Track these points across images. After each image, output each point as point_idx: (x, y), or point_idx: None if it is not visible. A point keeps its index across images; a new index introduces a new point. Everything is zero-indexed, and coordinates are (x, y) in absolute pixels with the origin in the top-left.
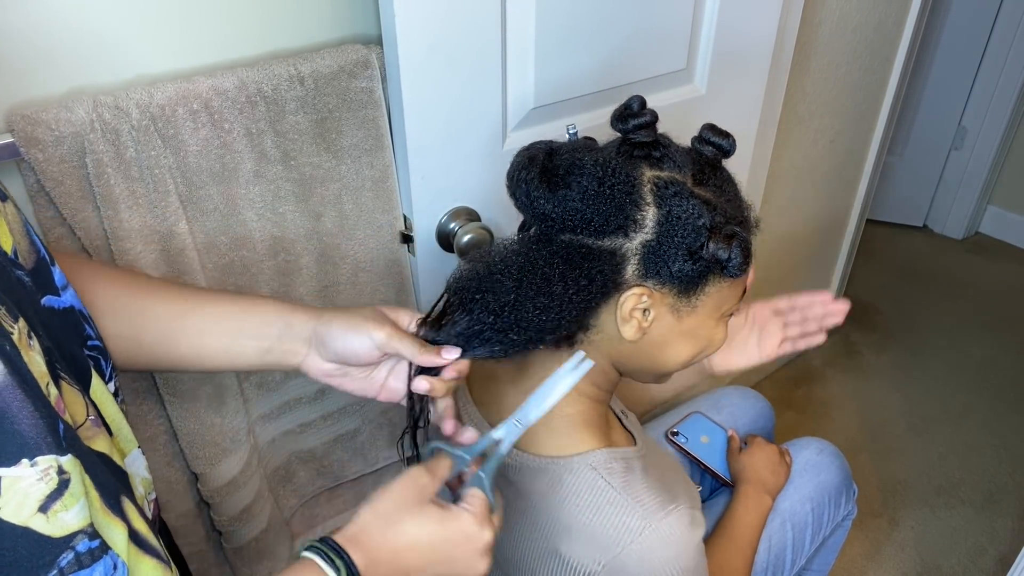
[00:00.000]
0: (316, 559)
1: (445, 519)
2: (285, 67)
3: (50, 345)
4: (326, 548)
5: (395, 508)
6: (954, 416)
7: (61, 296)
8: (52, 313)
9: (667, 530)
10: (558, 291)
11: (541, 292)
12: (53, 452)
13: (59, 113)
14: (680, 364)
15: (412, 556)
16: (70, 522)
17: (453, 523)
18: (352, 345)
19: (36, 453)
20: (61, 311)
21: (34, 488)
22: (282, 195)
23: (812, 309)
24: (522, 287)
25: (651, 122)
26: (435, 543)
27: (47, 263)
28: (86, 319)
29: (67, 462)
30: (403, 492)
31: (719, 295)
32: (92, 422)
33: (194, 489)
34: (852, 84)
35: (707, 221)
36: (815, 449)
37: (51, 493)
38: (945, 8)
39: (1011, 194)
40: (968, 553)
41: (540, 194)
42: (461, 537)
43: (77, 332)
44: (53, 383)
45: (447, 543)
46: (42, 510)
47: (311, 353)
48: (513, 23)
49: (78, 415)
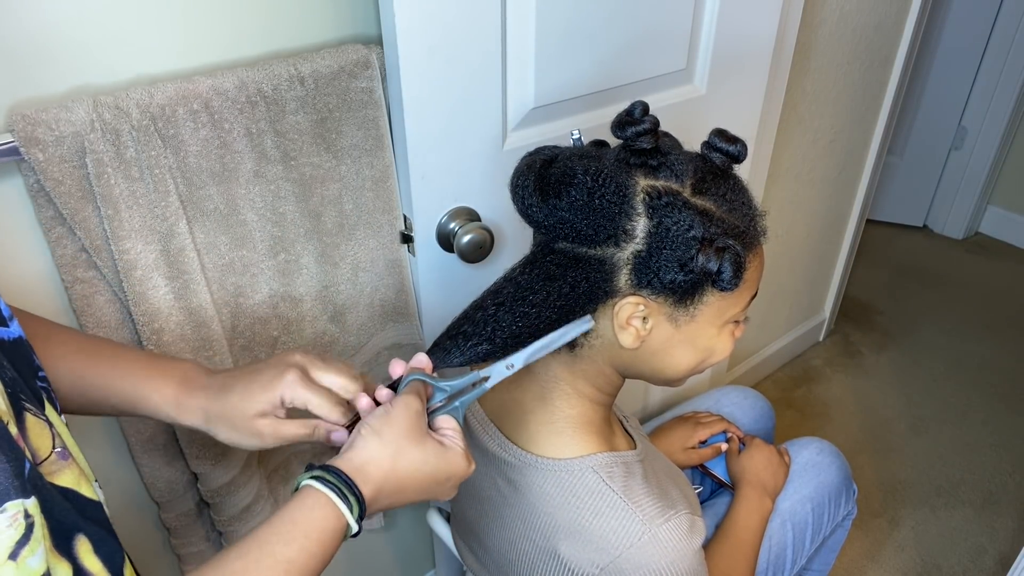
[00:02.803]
0: (328, 493)
1: (443, 453)
2: (285, 67)
3: (15, 376)
4: (337, 481)
5: (400, 437)
6: (954, 416)
7: (8, 327)
8: (2, 345)
9: (666, 536)
10: (538, 298)
11: (518, 298)
12: (20, 496)
13: (59, 113)
14: (682, 372)
15: (410, 484)
16: (36, 567)
17: (450, 458)
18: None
19: (5, 499)
20: (11, 342)
21: (4, 535)
22: (282, 195)
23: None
24: (502, 292)
25: (650, 129)
26: (435, 474)
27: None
28: (31, 350)
29: (31, 505)
30: (407, 421)
31: (719, 304)
32: (58, 454)
33: (194, 489)
34: (852, 84)
35: (698, 233)
36: (815, 449)
37: (19, 539)
38: (945, 8)
39: (1011, 194)
40: (968, 553)
41: (533, 202)
42: (455, 471)
43: (28, 362)
44: (15, 418)
45: (444, 475)
46: (12, 557)
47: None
48: (513, 23)
49: (43, 448)
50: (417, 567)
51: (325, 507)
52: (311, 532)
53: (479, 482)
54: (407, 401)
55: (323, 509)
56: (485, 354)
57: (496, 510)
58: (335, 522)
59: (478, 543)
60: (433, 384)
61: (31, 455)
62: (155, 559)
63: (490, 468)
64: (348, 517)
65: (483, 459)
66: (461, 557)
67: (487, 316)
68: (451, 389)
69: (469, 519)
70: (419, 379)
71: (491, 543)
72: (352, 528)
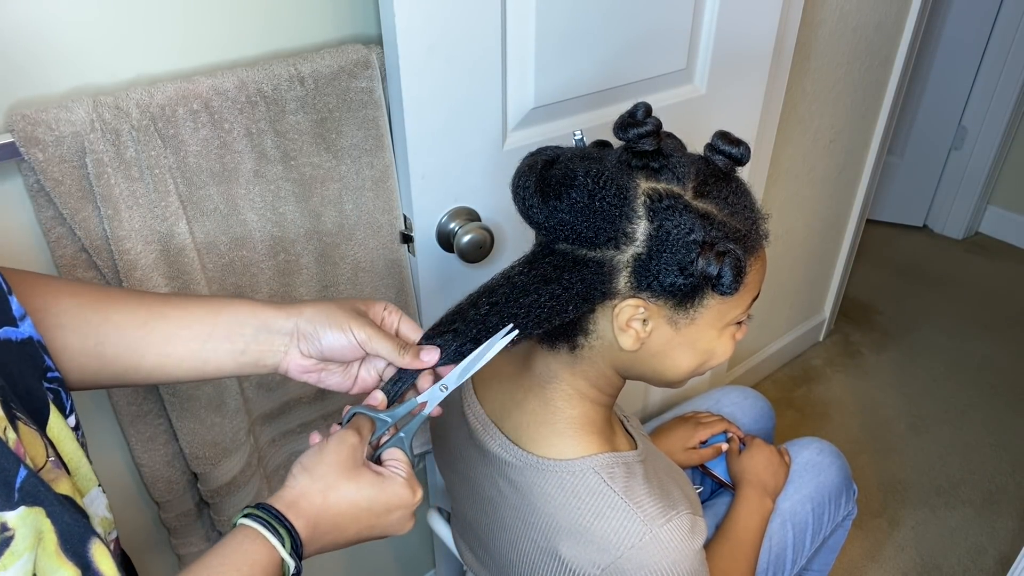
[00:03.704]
0: (258, 528)
1: (380, 484)
2: (285, 67)
3: (3, 384)
4: (267, 516)
5: (332, 472)
6: (954, 416)
7: (19, 327)
8: (8, 346)
9: (667, 537)
10: (529, 300)
11: (511, 299)
12: (1, 508)
13: (59, 113)
14: (683, 374)
15: (350, 520)
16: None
17: (388, 488)
18: (336, 342)
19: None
20: (19, 343)
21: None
22: (282, 195)
23: None
24: (497, 291)
25: (652, 131)
26: (372, 507)
27: (4, 293)
28: (44, 350)
29: (15, 517)
30: (338, 456)
31: (720, 307)
32: (52, 464)
33: (194, 489)
34: (852, 84)
35: (699, 236)
36: (815, 449)
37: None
38: (945, 8)
39: (1011, 194)
40: (968, 553)
41: (533, 203)
42: (396, 501)
43: (35, 364)
44: (11, 425)
45: (383, 507)
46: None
47: (291, 350)
48: (513, 23)
49: (38, 457)
50: (417, 567)
51: (255, 541)
52: (243, 567)
53: (479, 483)
54: (341, 436)
55: (253, 543)
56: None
57: (497, 510)
58: (267, 556)
59: (479, 543)
60: (374, 417)
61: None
62: (155, 559)
63: (491, 468)
64: (280, 550)
65: (483, 459)
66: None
67: (479, 316)
68: (393, 419)
69: (469, 519)
70: (361, 413)
71: (492, 543)
72: (288, 565)
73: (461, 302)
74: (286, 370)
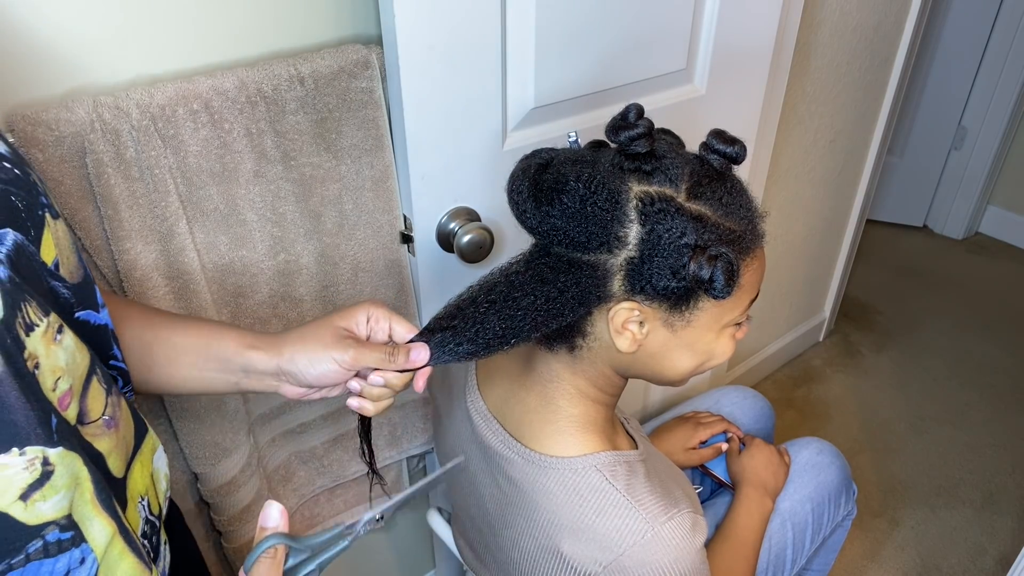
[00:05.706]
0: None
1: None
2: (285, 67)
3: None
4: None
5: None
6: (954, 416)
7: (100, 313)
8: (86, 327)
9: (668, 534)
10: (527, 301)
11: (509, 298)
12: (42, 444)
13: (59, 113)
14: (682, 374)
15: None
16: (45, 512)
17: None
18: (322, 374)
19: (26, 443)
20: (96, 327)
21: (18, 476)
22: (282, 195)
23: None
24: (495, 289)
25: (644, 133)
26: None
27: (92, 281)
28: (115, 339)
29: (55, 455)
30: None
31: (716, 309)
32: (105, 422)
33: (194, 489)
34: (852, 84)
35: (691, 240)
36: (815, 449)
37: (33, 483)
38: (945, 8)
39: (1011, 194)
40: (968, 553)
41: (527, 209)
42: None
43: (105, 349)
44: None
45: None
46: (22, 498)
47: (282, 385)
48: (513, 23)
49: (95, 410)
50: (417, 567)
51: None
52: None
53: (480, 480)
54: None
55: None
56: (468, 354)
57: (498, 508)
58: None
59: (480, 541)
60: (291, 545)
61: (84, 412)
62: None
63: (491, 465)
64: None
65: (484, 455)
66: (462, 555)
67: (477, 314)
68: (311, 551)
69: (471, 517)
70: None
71: (493, 541)
72: None
73: (460, 296)
74: (284, 396)
